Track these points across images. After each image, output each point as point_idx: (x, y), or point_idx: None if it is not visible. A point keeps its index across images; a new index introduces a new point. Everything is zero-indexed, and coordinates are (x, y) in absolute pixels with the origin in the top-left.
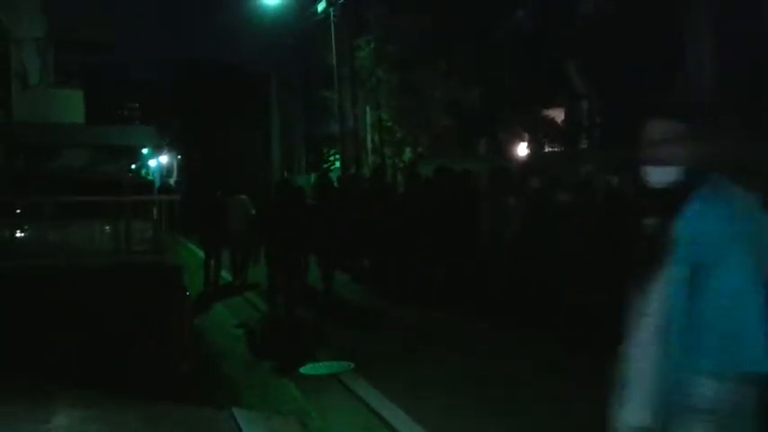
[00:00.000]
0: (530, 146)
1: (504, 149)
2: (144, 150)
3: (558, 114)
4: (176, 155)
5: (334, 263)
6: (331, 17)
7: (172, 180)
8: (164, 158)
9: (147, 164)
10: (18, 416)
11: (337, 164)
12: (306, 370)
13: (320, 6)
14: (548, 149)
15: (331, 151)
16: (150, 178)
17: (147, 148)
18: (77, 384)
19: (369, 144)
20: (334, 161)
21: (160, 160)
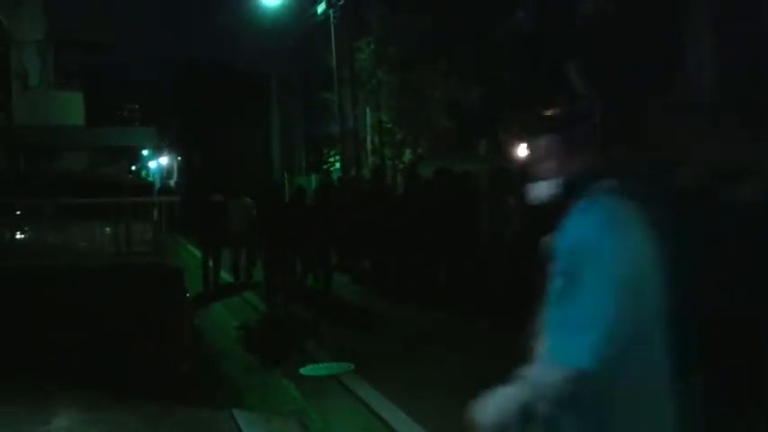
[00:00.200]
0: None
1: (505, 150)
2: (144, 152)
3: None
4: (176, 156)
5: (334, 263)
6: (331, 19)
7: (172, 181)
8: (164, 160)
9: (148, 165)
10: (18, 417)
11: (337, 165)
12: (306, 371)
13: (320, 8)
14: None
15: (331, 152)
16: (150, 180)
17: (148, 149)
18: (77, 385)
19: (369, 145)
20: (334, 162)
21: (160, 162)
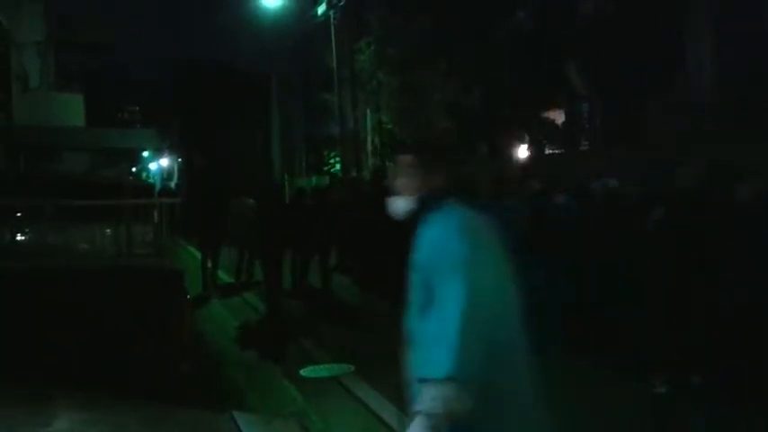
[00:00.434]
0: (530, 147)
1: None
2: (145, 153)
3: (559, 116)
4: (177, 158)
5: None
6: (331, 19)
7: (172, 183)
8: (164, 162)
9: (148, 167)
10: (18, 419)
11: (338, 166)
12: (306, 372)
13: (320, 9)
14: (548, 151)
15: (331, 153)
16: (151, 181)
17: (148, 150)
18: (78, 386)
19: (369, 146)
20: (334, 163)
21: (161, 163)
